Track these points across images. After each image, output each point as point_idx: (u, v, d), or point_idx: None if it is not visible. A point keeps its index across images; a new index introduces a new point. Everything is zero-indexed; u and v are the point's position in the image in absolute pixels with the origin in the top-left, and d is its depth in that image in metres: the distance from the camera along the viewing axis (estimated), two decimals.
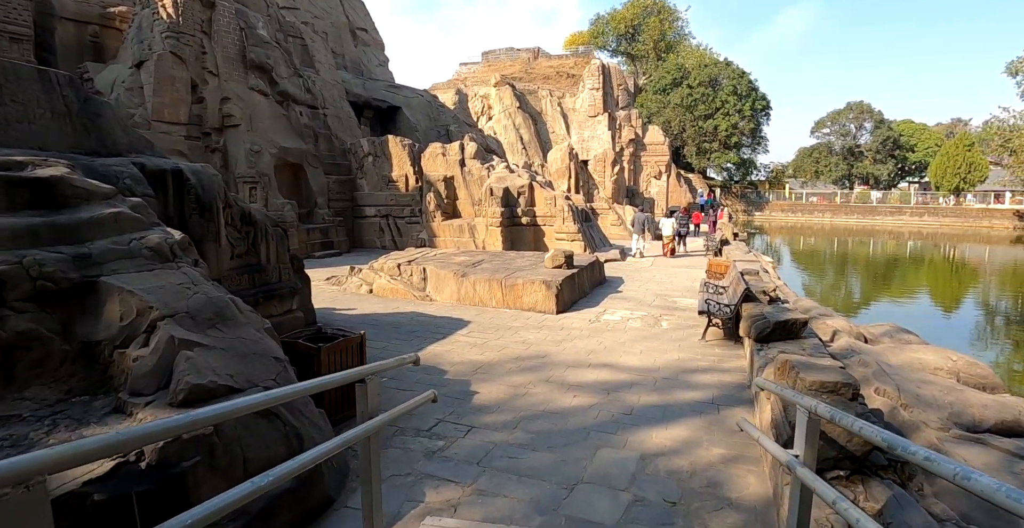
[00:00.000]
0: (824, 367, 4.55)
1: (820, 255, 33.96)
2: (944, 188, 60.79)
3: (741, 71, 58.13)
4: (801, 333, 7.67)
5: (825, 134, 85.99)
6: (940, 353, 8.55)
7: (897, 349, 8.75)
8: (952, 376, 8.02)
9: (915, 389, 6.81)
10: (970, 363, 8.25)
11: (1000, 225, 56.80)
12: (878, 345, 9.35)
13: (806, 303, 12.13)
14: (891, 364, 7.84)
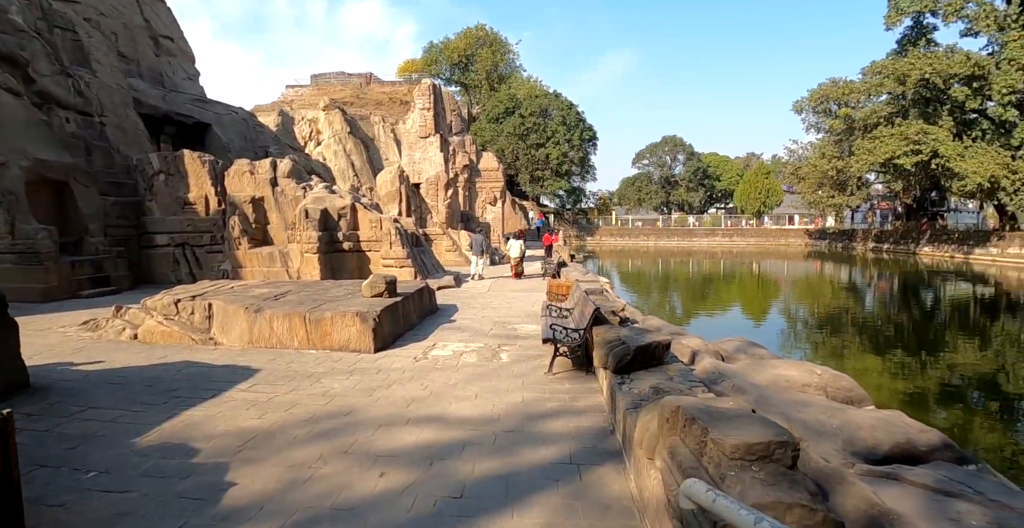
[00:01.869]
0: (735, 415, 3.08)
1: (648, 275, 35.08)
2: (748, 212, 67.17)
3: (569, 103, 60.31)
4: (664, 358, 6.41)
5: (645, 165, 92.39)
6: (801, 367, 7.78)
7: (758, 366, 7.86)
8: (820, 392, 7.20)
9: (800, 416, 5.74)
10: (835, 376, 7.52)
11: (794, 243, 63.62)
12: (736, 363, 8.46)
13: (655, 321, 11.22)
14: (759, 384, 6.85)
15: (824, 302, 23.83)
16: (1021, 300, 25.03)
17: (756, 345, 9.85)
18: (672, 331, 9.97)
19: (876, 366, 12.79)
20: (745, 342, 9.90)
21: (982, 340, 16.32)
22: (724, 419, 3.01)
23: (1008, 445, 8.55)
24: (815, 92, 49.58)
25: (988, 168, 37.49)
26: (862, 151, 43.62)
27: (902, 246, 50.67)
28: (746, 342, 9.90)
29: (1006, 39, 39.04)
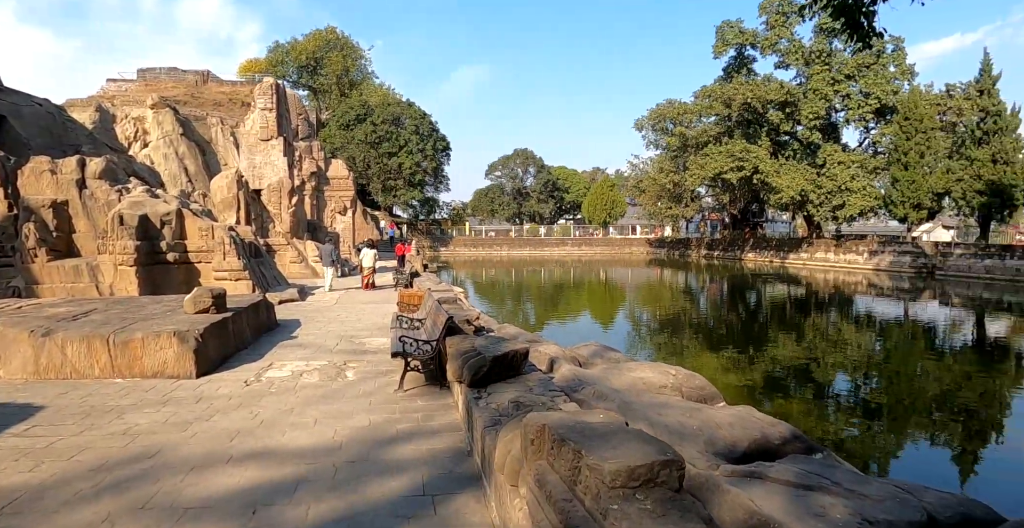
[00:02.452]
0: (610, 432, 2.69)
1: (502, 284, 35.35)
2: (595, 222, 70.41)
3: (423, 112, 59.66)
4: (523, 367, 6.03)
5: (497, 177, 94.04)
6: (657, 369, 7.77)
7: (615, 370, 7.75)
8: (676, 392, 7.19)
9: (662, 419, 5.59)
10: (688, 376, 7.57)
11: (637, 251, 67.56)
12: (594, 368, 8.31)
13: (511, 329, 10.92)
14: (619, 389, 6.69)
15: (666, 305, 25.26)
16: (826, 297, 28.27)
17: (611, 349, 9.87)
18: (529, 339, 9.71)
19: (715, 362, 13.47)
20: (600, 347, 9.87)
21: (799, 333, 17.96)
22: (598, 438, 2.61)
23: (837, 429, 9.18)
24: (653, 111, 53.18)
25: (799, 183, 42.11)
26: (695, 166, 47.34)
27: (730, 253, 55.55)
28: (601, 347, 9.88)
29: (811, 72, 44.37)
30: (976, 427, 9.62)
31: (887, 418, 9.89)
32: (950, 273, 35.86)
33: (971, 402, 11.00)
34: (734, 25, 48.29)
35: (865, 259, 41.35)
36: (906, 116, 38.61)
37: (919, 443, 8.92)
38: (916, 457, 8.34)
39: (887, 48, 44.16)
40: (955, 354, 15.67)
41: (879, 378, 12.90)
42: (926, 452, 8.57)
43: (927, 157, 37.98)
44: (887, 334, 18.62)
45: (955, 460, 8.28)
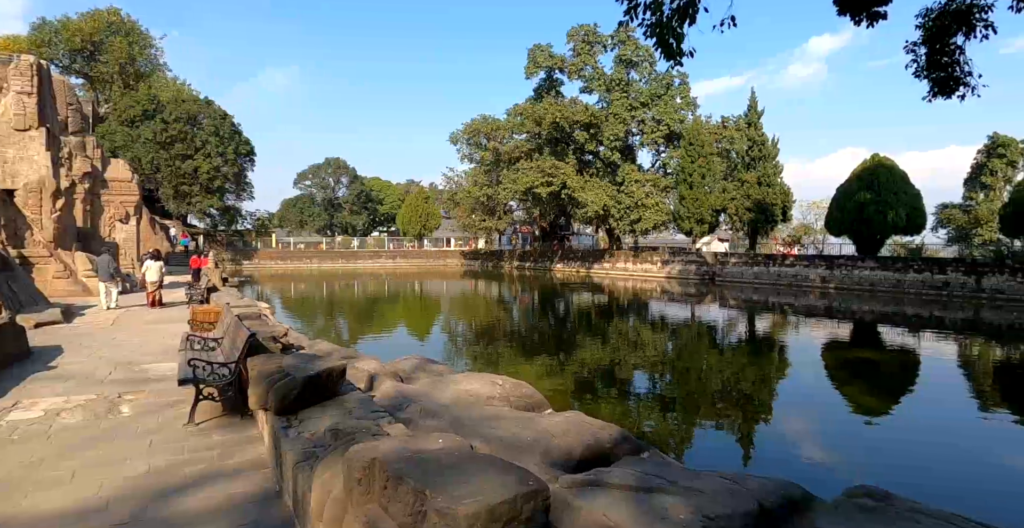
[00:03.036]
0: (456, 462, 2.22)
1: (314, 299, 33.37)
2: (410, 234, 69.73)
3: (224, 112, 54.77)
4: (340, 387, 5.36)
5: (307, 186, 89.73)
6: (483, 379, 7.47)
7: (441, 384, 7.32)
8: (505, 402, 6.93)
9: (496, 432, 5.24)
10: (515, 384, 7.36)
11: (453, 263, 68.08)
12: (418, 382, 7.81)
13: (324, 346, 10.02)
14: (447, 403, 6.26)
15: (483, 315, 25.46)
16: (626, 303, 30.53)
17: (433, 361, 9.44)
18: (345, 355, 8.94)
19: (533, 369, 13.62)
20: (422, 359, 9.39)
21: (605, 337, 19.00)
22: (444, 471, 2.13)
23: (645, 423, 9.56)
24: (468, 126, 54.11)
25: (602, 198, 45.25)
26: (507, 181, 48.88)
27: (540, 264, 58.06)
28: (423, 359, 9.41)
29: (612, 98, 48.19)
30: (753, 410, 10.67)
31: (687, 410, 10.57)
32: (727, 279, 40.69)
33: (747, 389, 12.26)
34: (544, 49, 50.90)
35: (659, 268, 45.48)
36: (690, 142, 43.25)
37: (714, 430, 9.60)
38: (715, 442, 8.93)
39: (675, 82, 49.39)
40: (732, 348, 17.53)
41: (675, 373, 13.91)
42: (721, 437, 9.22)
43: (707, 178, 42.82)
44: (678, 334, 20.38)
45: (743, 441, 8.99)
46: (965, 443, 8.83)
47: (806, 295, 33.22)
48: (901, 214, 33.25)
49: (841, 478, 6.94)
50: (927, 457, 8.15)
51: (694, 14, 7.80)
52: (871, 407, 10.81)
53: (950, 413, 10.61)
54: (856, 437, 9.13)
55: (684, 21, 7.67)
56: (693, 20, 7.79)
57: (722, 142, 47.27)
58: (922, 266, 33.08)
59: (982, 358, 16.66)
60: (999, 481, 7.42)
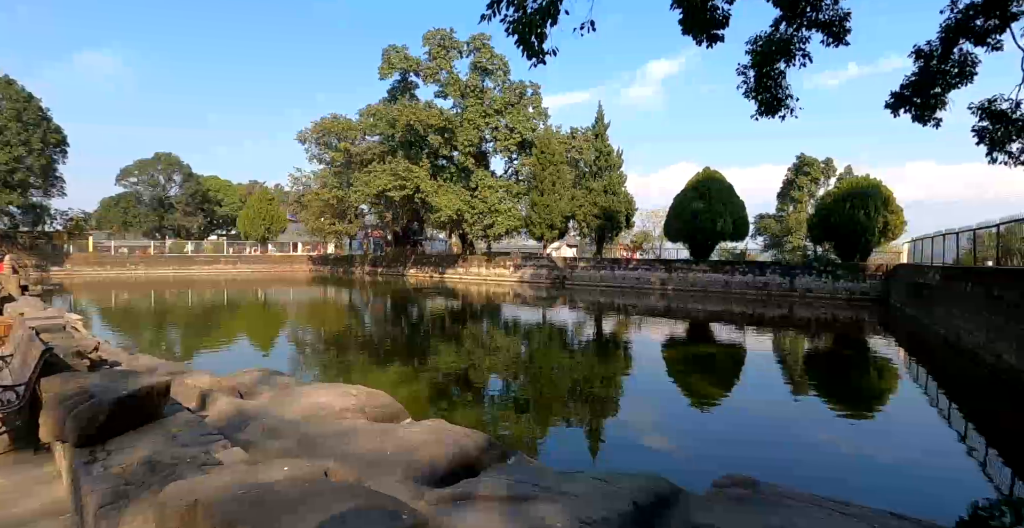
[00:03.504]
0: (308, 495, 1.77)
1: (139, 310, 29.89)
2: (252, 238, 65.33)
3: (29, 95, 47.76)
4: (162, 408, 4.56)
5: (133, 184, 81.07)
6: (335, 390, 6.83)
7: (287, 397, 6.61)
8: (360, 414, 6.38)
9: (353, 450, 4.72)
10: (370, 394, 6.83)
11: (300, 269, 64.81)
12: (260, 397, 7.01)
13: (146, 360, 8.78)
14: (296, 420, 5.60)
15: (333, 323, 24.19)
16: (479, 307, 30.58)
17: (279, 373, 8.60)
18: (171, 370, 7.85)
19: (388, 377, 13.03)
20: (265, 372, 8.51)
21: (460, 341, 18.78)
22: (292, 509, 1.67)
23: (512, 426, 9.38)
24: (318, 125, 51.75)
25: (455, 203, 45.21)
26: (359, 183, 47.32)
27: (393, 269, 56.88)
28: (267, 372, 8.53)
29: (467, 104, 48.36)
30: (607, 407, 10.97)
31: (545, 410, 10.56)
32: (577, 282, 42.30)
33: (601, 386, 12.63)
34: (400, 50, 49.97)
35: (511, 272, 46.28)
36: (542, 150, 44.54)
37: (573, 428, 9.66)
38: (575, 441, 8.95)
39: (527, 92, 50.66)
40: (583, 348, 18.08)
41: (531, 375, 13.96)
42: (579, 435, 9.28)
43: (558, 186, 44.31)
44: (532, 336, 20.66)
45: (601, 438, 9.12)
46: (795, 425, 9.59)
47: (648, 296, 35.31)
48: (728, 222, 36.46)
49: (700, 468, 7.16)
50: (768, 442, 8.71)
51: (555, 14, 7.78)
52: (713, 397, 11.50)
53: (778, 398, 11.56)
54: (703, 426, 9.60)
55: (547, 20, 7.61)
56: (555, 20, 7.77)
57: (571, 152, 49.17)
58: (747, 269, 36.54)
59: (797, 348, 18.64)
60: (830, 457, 8.08)
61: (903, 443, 8.76)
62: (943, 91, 14.55)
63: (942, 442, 9.03)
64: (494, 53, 49.88)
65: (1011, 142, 15.61)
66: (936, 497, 6.96)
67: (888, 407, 11.24)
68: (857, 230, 33.49)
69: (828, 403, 11.45)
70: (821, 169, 70.45)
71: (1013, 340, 12.55)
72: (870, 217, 33.22)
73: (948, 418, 10.59)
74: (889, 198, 33.84)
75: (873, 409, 11.04)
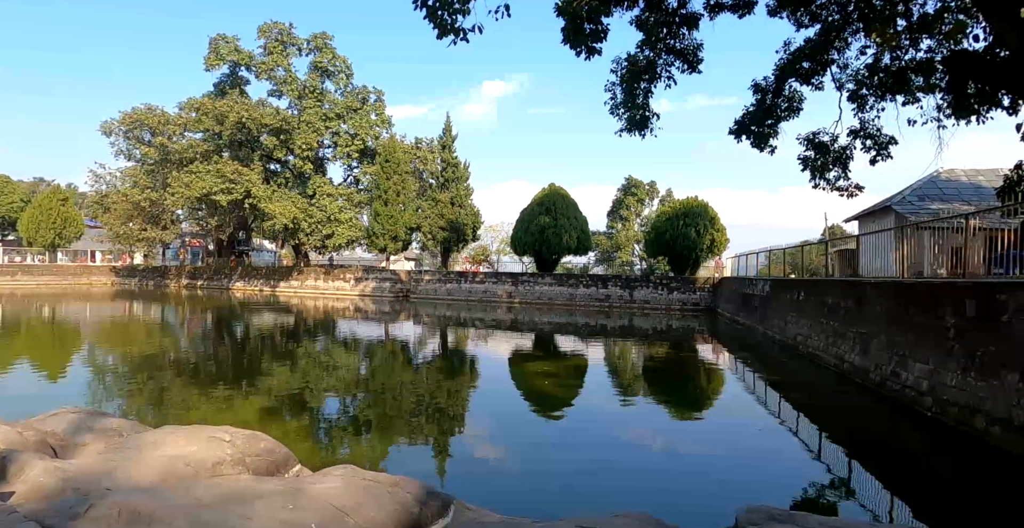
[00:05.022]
0: None
1: None
2: (39, 244, 55.80)
3: None
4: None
5: None
6: (197, 435, 5.11)
7: (129, 451, 4.82)
8: (240, 467, 4.81)
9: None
10: (249, 437, 5.24)
11: (99, 281, 56.57)
12: (84, 453, 5.10)
13: None
14: (156, 487, 3.96)
15: (153, 345, 20.61)
16: (321, 322, 28.16)
17: (102, 414, 6.54)
18: None
19: (243, 411, 10.99)
20: (84, 413, 6.41)
21: (312, 361, 16.84)
22: None
23: (422, 462, 8.06)
24: (128, 116, 45.54)
25: (291, 211, 41.91)
26: (178, 184, 42.19)
27: (216, 282, 51.49)
28: (85, 413, 6.44)
29: (304, 105, 45.26)
30: (448, 423, 10.17)
31: (446, 438, 9.38)
32: (421, 296, 41.01)
33: (443, 402, 11.81)
34: (231, 41, 45.56)
35: (352, 285, 43.81)
36: (387, 158, 42.89)
37: (481, 458, 8.60)
38: (497, 476, 7.90)
39: (371, 98, 48.65)
40: (430, 363, 17.03)
41: (376, 394, 12.63)
42: (497, 467, 8.24)
43: (402, 196, 42.87)
44: (375, 353, 19.16)
45: (529, 470, 8.16)
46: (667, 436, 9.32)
47: (495, 309, 35.03)
48: (574, 237, 37.46)
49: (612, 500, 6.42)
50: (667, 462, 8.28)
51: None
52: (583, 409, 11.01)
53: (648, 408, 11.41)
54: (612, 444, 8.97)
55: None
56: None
57: (415, 162, 47.96)
58: (590, 282, 37.72)
59: (632, 355, 19.37)
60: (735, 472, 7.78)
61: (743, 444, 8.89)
62: (775, 122, 15.76)
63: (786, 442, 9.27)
64: (336, 54, 47.41)
65: (828, 171, 17.19)
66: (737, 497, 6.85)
67: (745, 409, 11.50)
68: (689, 246, 36.00)
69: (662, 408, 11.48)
70: (646, 190, 76.02)
71: (854, 342, 13.62)
72: (700, 234, 35.88)
73: (779, 415, 10.99)
74: (715, 218, 36.84)
75: (730, 412, 11.20)
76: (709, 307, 34.34)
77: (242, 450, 4.93)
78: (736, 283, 30.26)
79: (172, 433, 5.18)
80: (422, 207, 43.61)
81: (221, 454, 4.74)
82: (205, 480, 4.32)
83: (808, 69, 15.47)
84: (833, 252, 22.79)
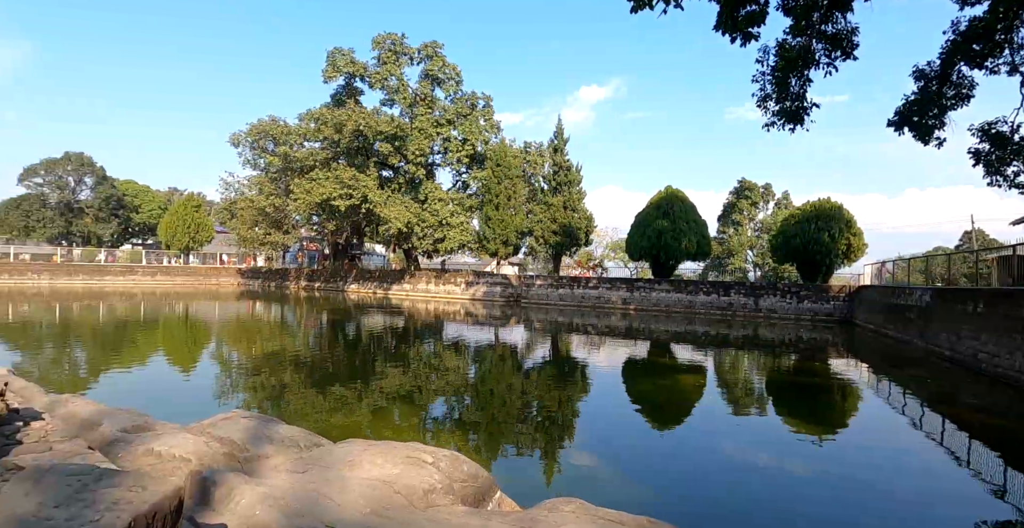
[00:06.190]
0: None
1: (42, 325, 25.63)
2: (175, 247, 60.14)
3: None
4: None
5: (38, 184, 73.85)
6: (393, 452, 4.46)
7: (325, 470, 4.22)
8: (449, 494, 4.11)
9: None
10: (451, 460, 4.51)
11: (227, 282, 60.09)
12: (266, 466, 4.56)
13: (80, 406, 6.14)
14: (365, 520, 3.29)
15: (292, 345, 21.06)
16: (434, 322, 28.03)
17: (274, 421, 6.11)
18: (125, 425, 5.25)
19: (408, 422, 10.56)
20: (255, 419, 6.03)
21: (439, 365, 16.39)
22: None
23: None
24: (255, 127, 48.05)
25: (405, 216, 42.56)
26: (300, 191, 43.88)
27: (332, 284, 53.32)
28: (258, 418, 6.06)
29: (416, 113, 46.08)
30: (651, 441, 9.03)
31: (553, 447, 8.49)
32: (532, 301, 40.37)
33: (647, 420, 10.65)
34: (346, 54, 47.20)
35: (463, 289, 43.89)
36: (497, 163, 42.68)
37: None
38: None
39: (479, 103, 48.88)
40: (597, 377, 16.02)
41: (535, 406, 11.84)
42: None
43: (513, 200, 42.51)
44: (521, 362, 18.51)
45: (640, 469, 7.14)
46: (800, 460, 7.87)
47: (609, 316, 33.75)
48: (693, 241, 35.60)
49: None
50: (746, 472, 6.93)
51: None
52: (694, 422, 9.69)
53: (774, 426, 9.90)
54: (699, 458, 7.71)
55: None
56: None
57: (524, 166, 47.58)
58: (711, 289, 35.67)
59: (760, 368, 17.68)
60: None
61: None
62: (941, 112, 13.77)
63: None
64: (446, 62, 47.95)
65: (1008, 165, 14.82)
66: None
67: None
68: (821, 251, 33.27)
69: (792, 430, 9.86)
70: (760, 193, 72.03)
71: None
72: (834, 239, 33.08)
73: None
74: (851, 221, 33.87)
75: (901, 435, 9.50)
76: (845, 318, 31.51)
77: (448, 475, 4.23)
78: (880, 292, 27.45)
79: (364, 451, 4.55)
80: (533, 211, 43.08)
81: (430, 480, 4.04)
82: (422, 512, 3.61)
83: (979, 51, 13.47)
84: (990, 259, 20.30)
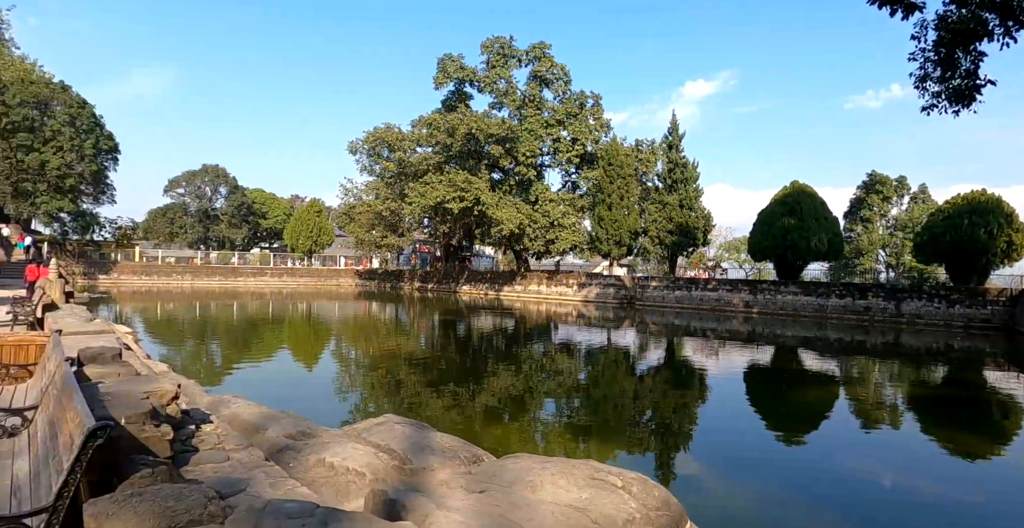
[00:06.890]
0: None
1: (187, 322, 27.63)
2: (299, 250, 63.59)
3: (82, 100, 46.75)
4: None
5: (180, 194, 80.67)
6: (576, 472, 3.89)
7: (504, 490, 3.75)
8: (648, 526, 3.53)
9: None
10: (643, 485, 3.92)
11: (345, 283, 62.72)
12: (435, 480, 4.15)
13: (242, 407, 6.07)
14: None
15: (415, 346, 21.33)
16: (552, 323, 27.49)
17: (427, 428, 5.77)
18: (289, 430, 5.09)
19: (559, 429, 10.14)
20: (410, 425, 5.72)
21: (552, 367, 15.85)
22: None
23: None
24: (371, 135, 49.75)
25: (517, 217, 42.49)
26: (415, 194, 44.93)
27: (444, 285, 54.31)
28: (412, 425, 5.74)
29: (525, 114, 45.96)
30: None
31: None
32: (647, 303, 39.04)
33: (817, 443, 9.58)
34: (456, 60, 47.90)
35: (575, 291, 43.23)
36: (609, 162, 41.73)
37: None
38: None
39: (588, 102, 48.11)
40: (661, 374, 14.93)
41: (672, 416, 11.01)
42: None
43: (626, 200, 41.36)
44: (661, 370, 17.65)
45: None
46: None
47: (729, 320, 31.93)
48: (823, 240, 33.04)
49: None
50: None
51: None
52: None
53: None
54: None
55: None
56: None
57: (636, 165, 46.28)
58: (843, 291, 32.89)
59: (914, 382, 15.92)
60: None
61: None
62: None
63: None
64: (554, 62, 47.52)
65: None
66: None
67: None
68: (976, 250, 29.78)
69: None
70: (894, 187, 66.11)
71: None
72: (992, 236, 29.51)
73: None
74: (1012, 215, 30.09)
75: None
76: (1005, 325, 27.97)
77: (643, 502, 3.64)
78: None
79: (540, 469, 4.04)
80: (648, 210, 41.73)
81: (627, 508, 3.47)
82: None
83: None
84: None
